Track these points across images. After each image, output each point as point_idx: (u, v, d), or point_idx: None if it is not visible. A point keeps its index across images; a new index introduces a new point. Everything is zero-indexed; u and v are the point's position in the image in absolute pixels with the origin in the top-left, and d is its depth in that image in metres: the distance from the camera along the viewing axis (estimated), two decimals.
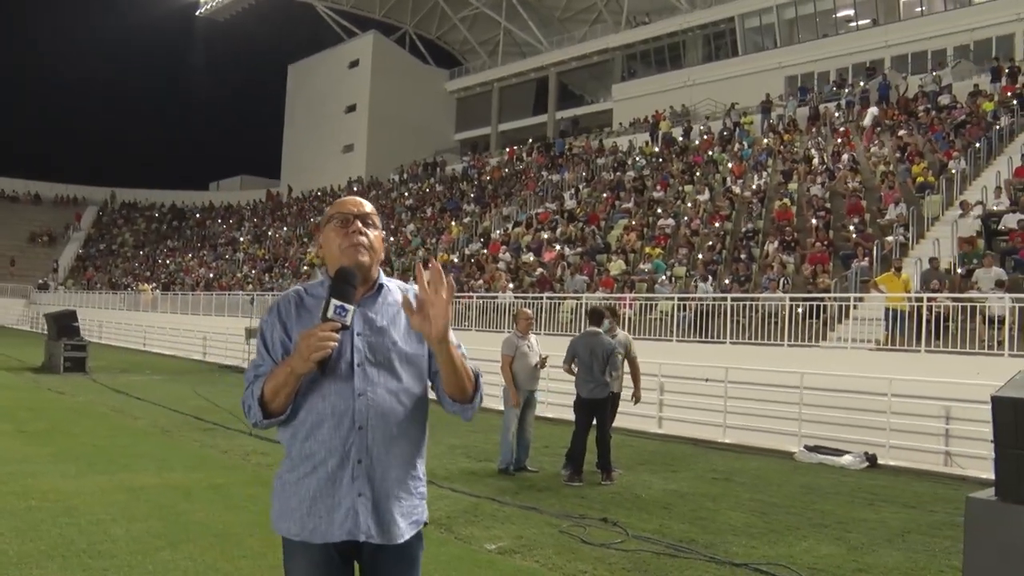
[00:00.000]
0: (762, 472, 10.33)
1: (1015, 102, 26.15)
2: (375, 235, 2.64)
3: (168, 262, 53.72)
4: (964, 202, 20.10)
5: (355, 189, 53.35)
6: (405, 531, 2.58)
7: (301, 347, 2.38)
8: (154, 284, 45.10)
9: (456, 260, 31.59)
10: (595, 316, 10.01)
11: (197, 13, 64.49)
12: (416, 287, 2.55)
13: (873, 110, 30.52)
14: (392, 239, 38.93)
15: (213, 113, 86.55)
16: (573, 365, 9.56)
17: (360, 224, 2.61)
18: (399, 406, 2.56)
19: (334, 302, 2.42)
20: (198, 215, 65.46)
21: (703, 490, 9.04)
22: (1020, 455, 5.25)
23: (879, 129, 28.74)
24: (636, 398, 10.27)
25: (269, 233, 51.40)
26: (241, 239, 52.06)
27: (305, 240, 45.64)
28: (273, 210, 58.13)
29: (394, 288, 2.70)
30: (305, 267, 37.69)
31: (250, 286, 37.66)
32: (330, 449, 2.50)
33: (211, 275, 44.88)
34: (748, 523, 7.52)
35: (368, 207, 2.67)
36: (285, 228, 50.99)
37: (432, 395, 2.70)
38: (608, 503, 8.23)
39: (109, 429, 12.10)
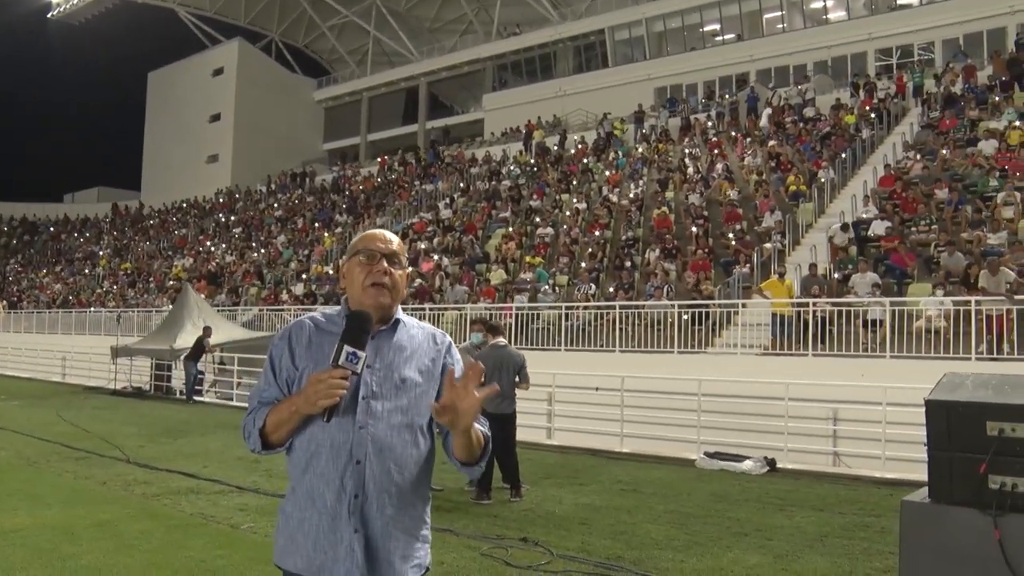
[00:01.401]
0: (668, 481, 10.23)
1: (873, 115, 27.39)
2: (399, 275, 2.60)
3: (20, 279, 50.61)
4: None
5: (220, 200, 51.61)
6: (402, 575, 2.50)
7: (309, 391, 2.37)
8: (3, 302, 42.32)
9: (330, 272, 30.79)
10: (494, 329, 9.72)
11: (49, 15, 61.24)
12: (436, 330, 2.66)
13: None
14: (262, 251, 37.73)
15: (67, 122, 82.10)
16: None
17: (386, 263, 2.56)
18: (401, 443, 2.50)
19: (346, 348, 2.38)
20: (52, 228, 61.93)
21: (615, 503, 8.84)
22: (952, 457, 5.23)
23: (749, 140, 29.56)
24: None
25: (131, 247, 49.04)
26: (100, 253, 49.50)
27: (170, 253, 43.79)
28: (134, 222, 55.60)
29: (411, 324, 2.65)
30: (171, 281, 36.07)
31: (112, 302, 35.78)
32: (327, 482, 2.45)
33: (68, 292, 42.42)
34: (670, 535, 7.35)
35: (395, 244, 2.63)
36: (148, 242, 48.75)
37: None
38: (523, 521, 7.93)
39: None
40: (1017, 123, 22.45)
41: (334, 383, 2.33)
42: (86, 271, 46.50)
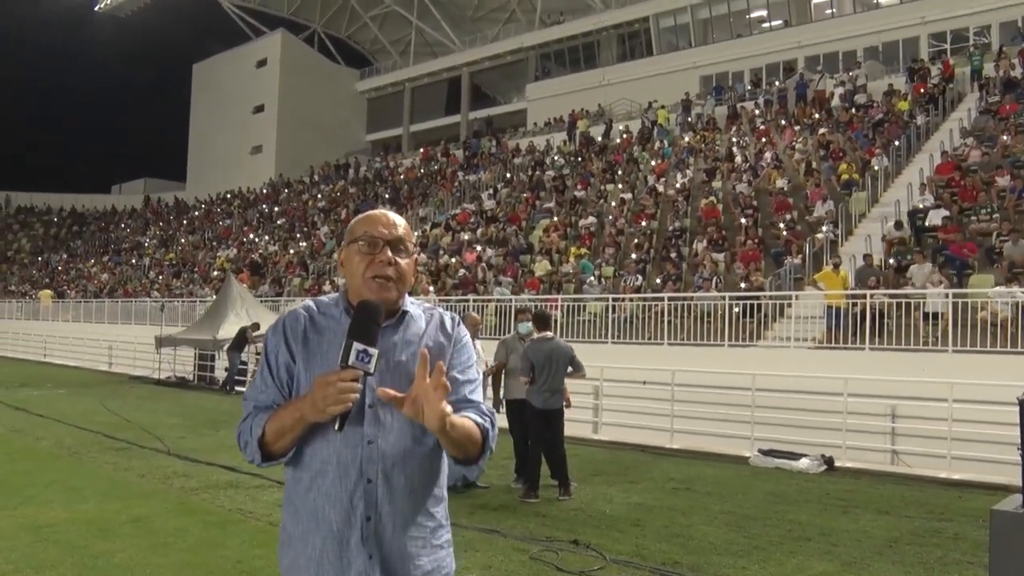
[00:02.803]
0: (721, 479, 9.82)
1: (927, 102, 26.60)
2: (406, 263, 2.28)
3: (69, 268, 51.21)
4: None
5: (264, 191, 51.81)
6: None
7: (316, 396, 2.05)
8: (51, 291, 42.79)
9: None
10: (543, 321, 9.37)
11: (96, 8, 61.89)
12: (445, 313, 2.37)
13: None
14: (305, 243, 37.73)
15: (115, 114, 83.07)
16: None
17: (389, 252, 2.24)
18: (415, 453, 2.22)
19: (356, 346, 2.07)
20: (100, 219, 62.65)
21: (668, 502, 8.47)
22: None
23: (798, 127, 28.87)
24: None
25: (176, 237, 49.39)
26: (146, 244, 49.92)
27: (214, 244, 43.98)
28: (180, 213, 56.04)
29: (417, 315, 2.33)
30: (215, 271, 36.18)
31: (157, 292, 35.99)
32: (333, 503, 2.17)
33: (115, 282, 42.80)
34: (728, 539, 6.96)
35: (401, 229, 2.30)
36: (192, 233, 49.06)
37: None
38: (573, 521, 7.59)
39: (7, 452, 10.91)
40: None
41: (345, 386, 2.04)
42: (132, 261, 46.91)
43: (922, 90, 27.85)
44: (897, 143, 23.53)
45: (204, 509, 7.75)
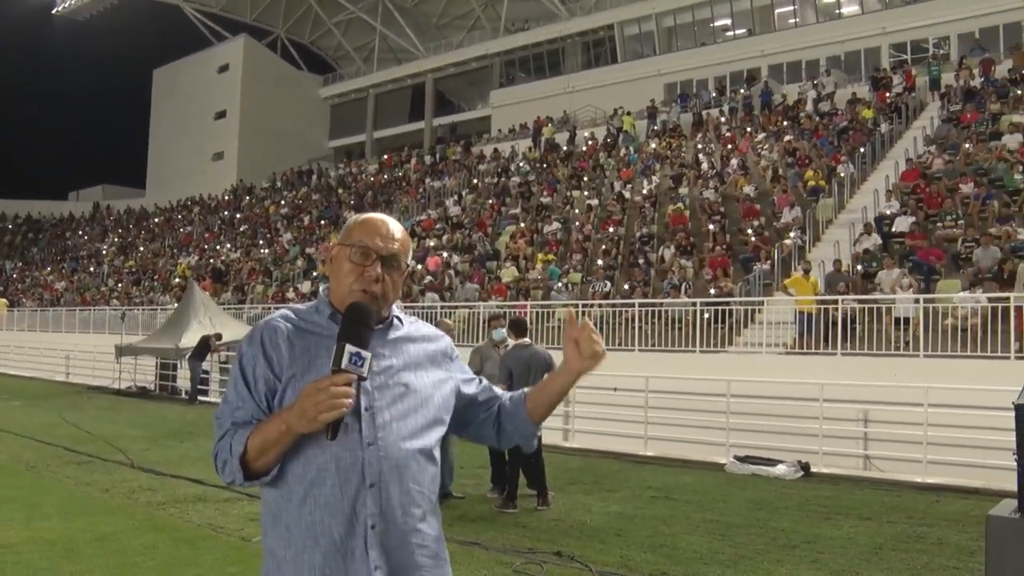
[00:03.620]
0: (700, 487, 9.71)
1: (891, 110, 26.88)
2: (394, 279, 2.16)
3: (24, 276, 50.19)
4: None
5: (226, 198, 51.17)
6: None
7: (306, 405, 1.91)
8: (4, 300, 41.84)
9: None
10: (520, 328, 9.21)
11: (54, 11, 60.82)
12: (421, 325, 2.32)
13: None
14: (268, 249, 37.28)
15: (72, 119, 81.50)
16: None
17: (379, 268, 2.13)
18: (415, 455, 2.11)
19: (349, 349, 1.96)
20: (56, 226, 61.51)
21: (649, 511, 8.34)
22: None
23: (764, 135, 29.02)
24: None
25: (135, 244, 48.58)
26: (104, 251, 49.06)
27: (175, 251, 43.32)
28: (140, 220, 55.17)
29: (406, 320, 2.27)
30: (176, 279, 35.60)
31: (116, 300, 35.32)
32: (333, 513, 2.01)
33: (72, 290, 41.97)
34: (714, 548, 6.84)
35: (397, 244, 2.18)
36: (153, 240, 48.30)
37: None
38: (554, 532, 7.43)
39: None
40: None
41: (338, 391, 1.90)
42: (90, 269, 46.07)
43: (886, 98, 28.14)
44: (862, 150, 23.72)
45: (172, 525, 7.47)
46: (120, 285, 39.39)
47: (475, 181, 36.48)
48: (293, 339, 2.11)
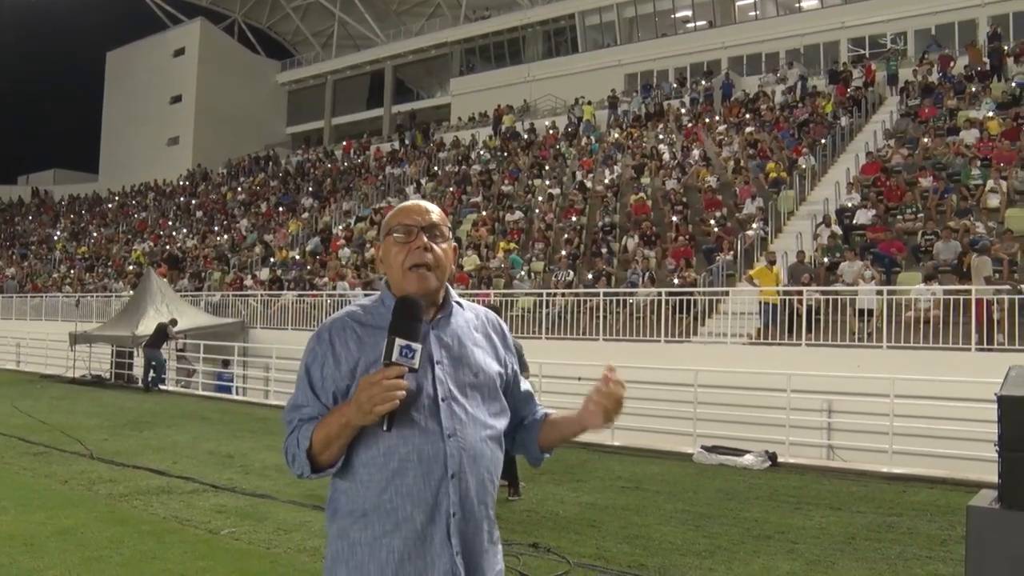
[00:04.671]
0: (670, 477, 9.70)
1: (851, 104, 27.14)
2: (444, 248, 2.25)
3: None
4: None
5: (182, 184, 50.36)
6: None
7: (361, 397, 2.01)
8: None
9: (297, 257, 30.00)
10: None
11: None
12: (491, 315, 2.41)
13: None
14: (225, 235, 36.75)
15: (23, 102, 79.54)
16: None
17: (425, 237, 2.21)
18: (488, 446, 2.21)
19: (399, 342, 2.03)
20: (5, 211, 60.07)
21: (621, 502, 8.29)
22: None
23: (725, 126, 29.15)
24: None
25: (90, 230, 47.58)
26: (56, 237, 48.02)
27: (129, 237, 42.53)
28: (92, 205, 54.05)
29: (465, 306, 2.35)
30: (131, 266, 34.94)
31: (69, 287, 34.58)
32: (417, 502, 2.10)
33: (23, 276, 40.99)
34: (689, 539, 6.81)
35: (435, 215, 2.28)
36: (106, 226, 47.33)
37: None
38: (528, 523, 7.35)
39: None
40: (991, 113, 22.33)
41: (390, 384, 1.99)
42: (42, 255, 45.07)
43: (845, 92, 28.42)
44: (824, 141, 23.91)
45: (136, 518, 7.25)
46: (73, 272, 38.56)
47: (435, 169, 36.25)
48: (362, 335, 2.18)
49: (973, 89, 25.18)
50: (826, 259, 17.18)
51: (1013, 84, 24.34)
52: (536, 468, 2.49)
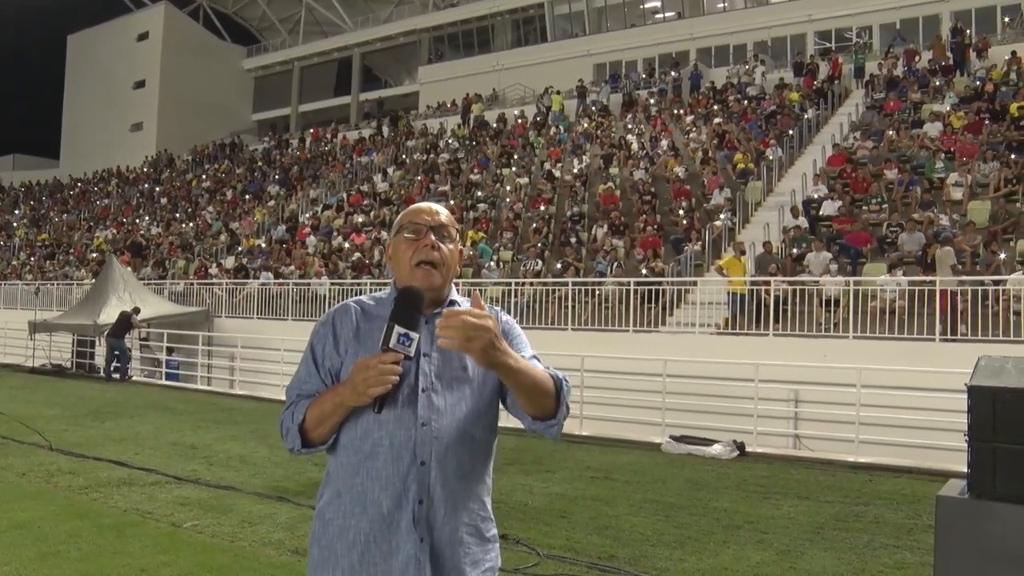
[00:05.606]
0: (638, 467, 9.68)
1: (816, 96, 27.30)
2: (449, 249, 2.34)
3: None
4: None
5: (145, 170, 49.66)
6: None
7: (356, 379, 2.10)
8: None
9: (263, 245, 29.70)
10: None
11: None
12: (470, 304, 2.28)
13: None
14: (190, 223, 36.29)
15: None
16: None
17: (433, 236, 2.30)
18: (467, 438, 2.23)
19: (397, 329, 2.12)
20: None
21: (590, 492, 8.25)
22: (996, 448, 4.81)
23: (692, 117, 29.21)
24: None
25: (50, 217, 46.77)
26: (15, 223, 47.18)
27: (91, 225, 41.88)
28: (53, 192, 53.13)
29: (465, 306, 2.31)
30: (93, 253, 34.41)
31: (29, 275, 33.99)
32: (384, 486, 2.18)
33: None
34: (658, 529, 6.78)
35: (443, 216, 2.37)
36: (67, 212, 46.55)
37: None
38: (497, 514, 7.07)
39: None
40: (953, 107, 22.56)
41: (385, 368, 2.07)
42: (0, 242, 44.27)
43: (812, 84, 28.58)
44: (791, 132, 24.02)
45: (96, 511, 7.08)
46: (33, 259, 37.91)
47: (403, 157, 36.02)
48: (361, 321, 2.29)
49: (937, 83, 25.40)
50: (794, 250, 17.23)
51: (976, 79, 24.60)
52: (552, 436, 2.32)
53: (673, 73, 35.57)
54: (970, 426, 4.84)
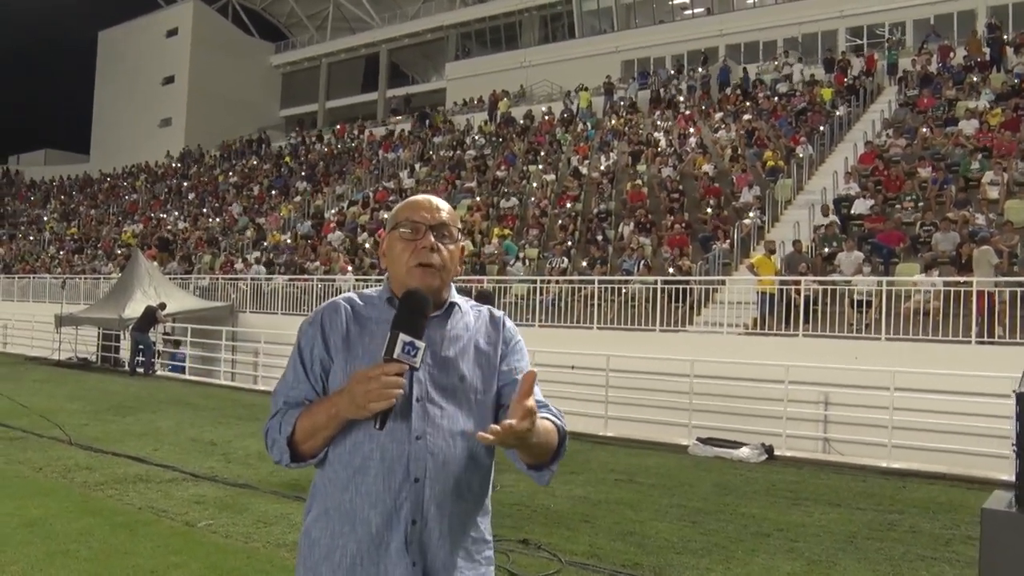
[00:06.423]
0: (664, 470, 9.45)
1: (848, 93, 26.86)
2: (451, 250, 2.14)
3: None
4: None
5: (173, 165, 49.90)
6: None
7: (356, 391, 1.89)
8: None
9: (288, 240, 29.68)
10: (486, 299, 8.86)
11: None
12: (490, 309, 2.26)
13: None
14: (217, 218, 36.37)
15: (13, 82, 78.76)
16: None
17: (432, 237, 2.10)
18: (464, 454, 2.04)
19: (402, 338, 1.91)
20: None
21: (615, 495, 8.04)
22: None
23: (722, 114, 28.85)
24: None
25: (79, 211, 47.08)
26: (46, 217, 47.53)
27: (119, 219, 42.10)
28: (83, 187, 53.51)
29: (465, 309, 2.20)
30: (120, 248, 34.56)
31: (58, 268, 34.19)
32: (374, 503, 1.99)
33: (12, 257, 40.57)
34: (684, 536, 6.56)
35: (444, 213, 2.16)
36: (96, 207, 46.84)
37: None
38: (517, 518, 7.08)
39: None
40: (990, 104, 22.10)
41: (389, 381, 1.87)
42: (31, 236, 44.63)
43: (843, 81, 28.15)
44: (822, 129, 23.65)
45: (110, 508, 6.96)
46: (62, 253, 38.16)
47: (429, 153, 35.89)
48: (351, 323, 2.11)
49: (974, 79, 24.91)
50: (825, 249, 16.90)
51: (1013, 75, 24.08)
52: (541, 483, 2.16)
53: (701, 70, 35.20)
54: (1018, 434, 4.59)
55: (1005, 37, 27.36)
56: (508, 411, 1.90)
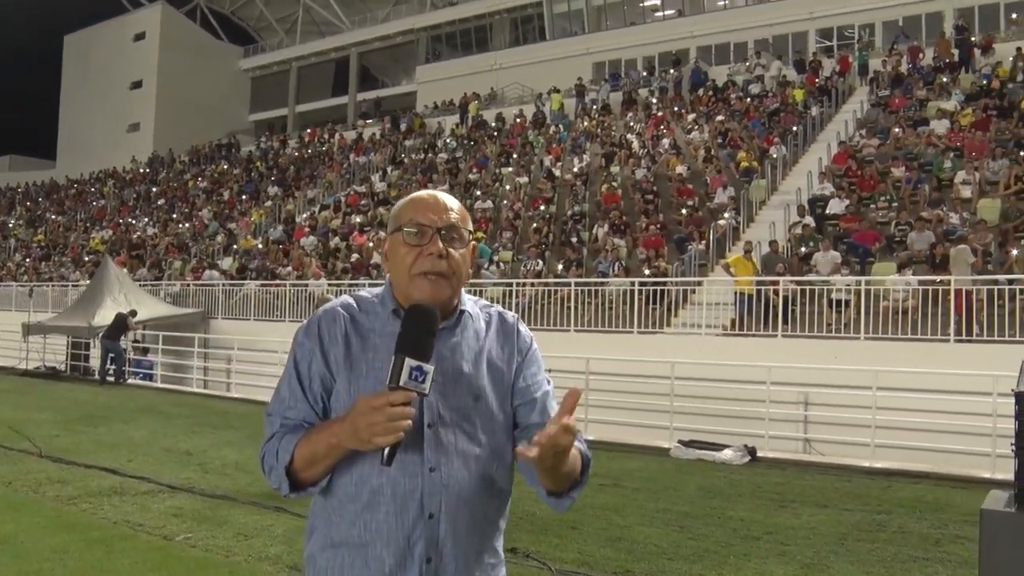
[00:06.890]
0: (648, 474, 9.37)
1: (820, 94, 26.99)
2: (461, 254, 1.91)
3: None
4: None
5: (142, 171, 49.26)
6: None
7: (359, 424, 1.69)
8: None
9: (260, 246, 29.36)
10: None
11: None
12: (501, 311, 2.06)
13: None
14: (187, 224, 35.94)
15: None
16: None
17: (441, 242, 1.87)
18: (481, 481, 1.85)
19: (409, 363, 1.70)
20: None
21: (600, 500, 7.93)
22: None
23: (694, 116, 28.91)
24: None
25: (46, 218, 46.32)
26: (11, 224, 46.77)
27: (87, 226, 41.50)
28: (49, 193, 52.72)
29: (475, 314, 1.99)
30: (88, 254, 34.04)
31: (25, 276, 33.61)
32: (387, 542, 1.81)
33: None
34: (674, 541, 6.46)
35: (454, 214, 1.92)
36: (63, 213, 46.13)
37: None
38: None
39: None
40: (957, 105, 22.27)
41: (395, 412, 1.67)
42: None
43: (815, 81, 28.29)
44: (795, 130, 23.73)
45: (85, 523, 6.74)
46: (28, 260, 37.52)
47: (401, 157, 35.69)
48: (352, 332, 1.90)
49: (943, 80, 25.11)
50: (801, 249, 16.93)
51: (981, 76, 24.31)
52: (560, 511, 1.96)
53: (673, 71, 35.27)
54: (1017, 433, 4.53)
55: (973, 39, 27.62)
56: (545, 430, 1.72)
